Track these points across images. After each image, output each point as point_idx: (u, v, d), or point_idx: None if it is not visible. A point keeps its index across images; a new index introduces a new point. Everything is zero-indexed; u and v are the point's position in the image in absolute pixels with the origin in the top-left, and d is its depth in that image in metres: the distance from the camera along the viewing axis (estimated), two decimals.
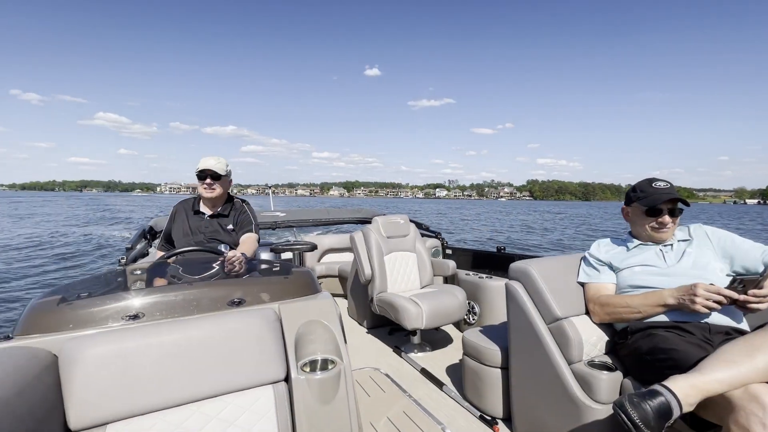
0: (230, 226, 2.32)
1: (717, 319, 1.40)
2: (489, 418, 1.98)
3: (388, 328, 3.42)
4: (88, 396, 0.96)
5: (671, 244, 1.63)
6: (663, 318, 1.46)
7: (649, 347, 1.39)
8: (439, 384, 2.39)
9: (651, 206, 1.59)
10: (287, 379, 1.19)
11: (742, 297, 1.30)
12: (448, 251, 4.06)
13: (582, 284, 1.76)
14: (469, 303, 3.27)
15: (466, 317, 3.31)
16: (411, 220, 3.62)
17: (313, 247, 3.40)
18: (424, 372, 2.57)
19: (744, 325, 1.42)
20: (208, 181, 2.23)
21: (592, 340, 1.65)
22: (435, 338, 3.20)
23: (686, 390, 1.06)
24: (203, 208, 2.33)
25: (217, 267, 1.67)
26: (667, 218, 1.58)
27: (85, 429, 0.97)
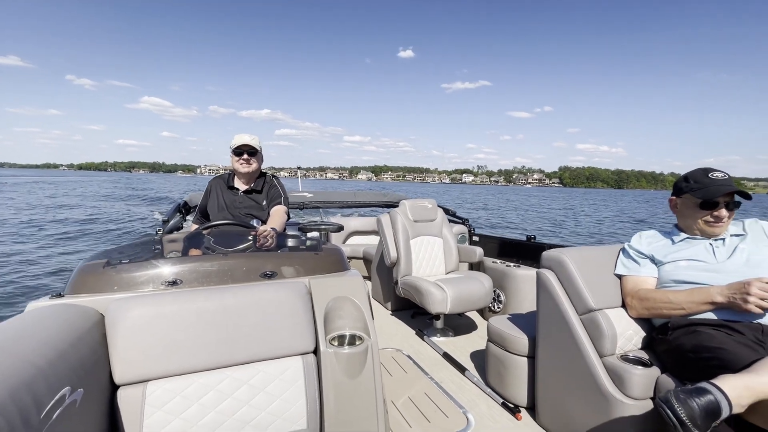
0: (264, 202, 2.37)
1: None
2: (512, 405, 1.96)
3: (412, 311, 3.43)
4: (131, 354, 1.02)
5: (723, 239, 1.52)
6: (710, 315, 1.38)
7: (692, 345, 1.32)
8: (462, 369, 2.39)
9: (707, 199, 1.48)
10: (316, 351, 1.22)
11: None
12: (475, 238, 4.00)
13: (619, 277, 1.68)
14: (494, 291, 3.23)
15: (491, 305, 3.27)
16: (438, 206, 3.57)
17: (340, 228, 3.42)
18: (447, 356, 2.57)
19: None
20: (245, 156, 2.29)
21: (627, 334, 1.59)
22: (458, 324, 3.19)
23: (739, 390, 1.00)
24: (237, 184, 2.39)
25: (250, 240, 1.71)
26: (723, 212, 1.47)
27: (128, 384, 1.03)
